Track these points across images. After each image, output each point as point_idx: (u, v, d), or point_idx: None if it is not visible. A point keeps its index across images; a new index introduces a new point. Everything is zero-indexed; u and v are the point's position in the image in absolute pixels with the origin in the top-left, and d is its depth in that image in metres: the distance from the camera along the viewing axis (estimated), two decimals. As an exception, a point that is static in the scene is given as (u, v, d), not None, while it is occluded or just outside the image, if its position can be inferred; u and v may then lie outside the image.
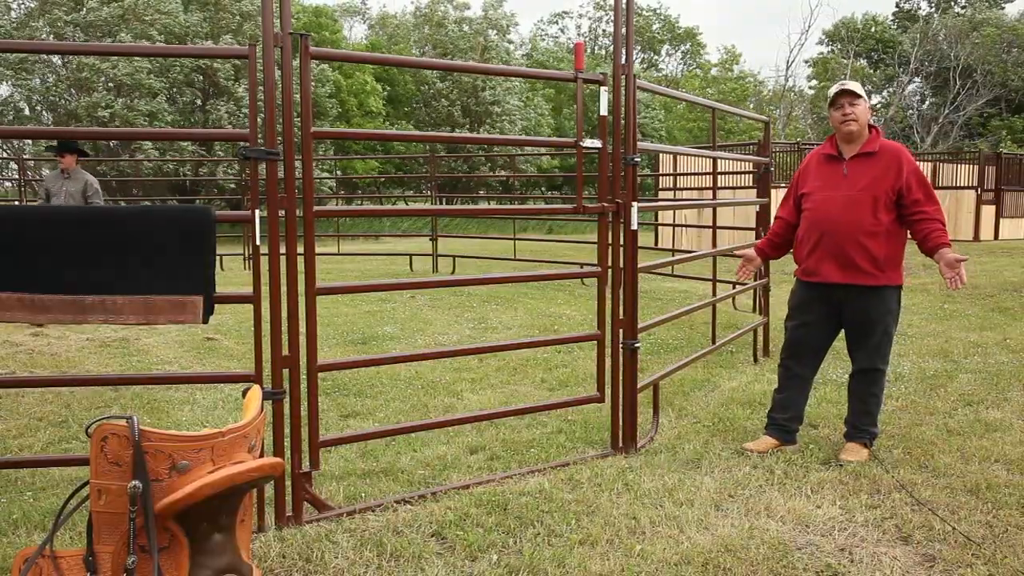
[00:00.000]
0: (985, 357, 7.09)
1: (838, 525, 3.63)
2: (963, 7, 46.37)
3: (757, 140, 15.45)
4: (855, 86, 4.40)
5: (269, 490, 3.70)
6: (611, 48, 4.69)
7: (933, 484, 4.08)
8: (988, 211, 20.78)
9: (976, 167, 20.99)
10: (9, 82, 23.07)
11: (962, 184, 21.35)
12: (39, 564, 2.50)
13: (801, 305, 4.63)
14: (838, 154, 4.48)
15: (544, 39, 50.39)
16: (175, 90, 23.45)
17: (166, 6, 23.08)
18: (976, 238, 20.31)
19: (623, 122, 4.59)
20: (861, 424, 4.54)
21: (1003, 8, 45.24)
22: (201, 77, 24.20)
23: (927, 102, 46.50)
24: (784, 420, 4.67)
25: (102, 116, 21.15)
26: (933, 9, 47.64)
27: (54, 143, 9.90)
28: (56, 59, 23.13)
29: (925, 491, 3.98)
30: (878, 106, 48.26)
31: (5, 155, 23.46)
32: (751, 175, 15.45)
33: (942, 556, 3.32)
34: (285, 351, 3.62)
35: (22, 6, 24.04)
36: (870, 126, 4.44)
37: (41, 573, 2.50)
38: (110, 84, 22.03)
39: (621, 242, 4.70)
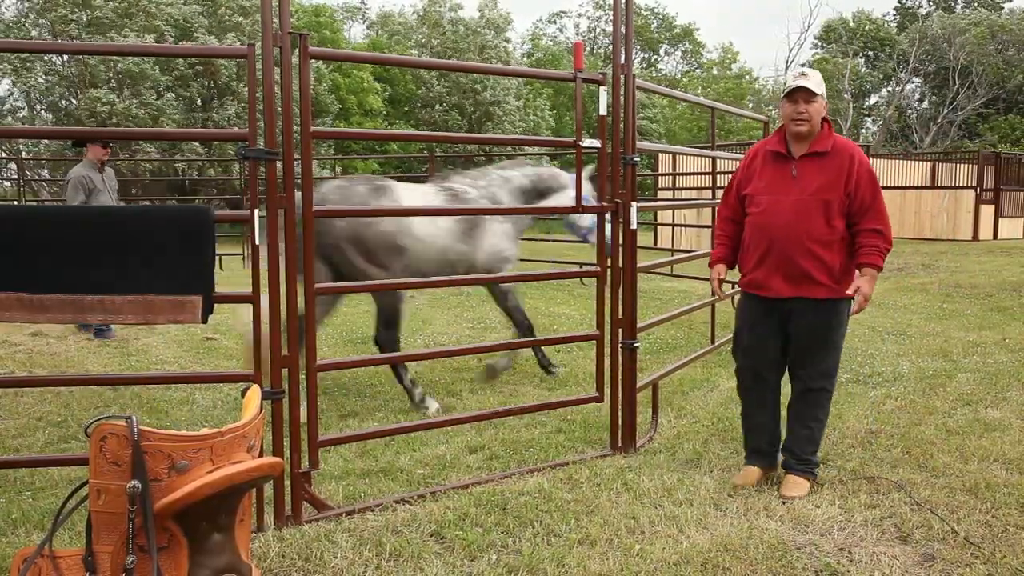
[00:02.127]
0: (984, 357, 7.10)
1: (837, 525, 3.63)
2: (963, 7, 46.41)
3: (756, 140, 15.45)
4: (813, 83, 3.93)
5: (268, 490, 3.70)
6: (610, 48, 4.69)
7: (932, 484, 4.08)
8: (987, 211, 20.80)
9: (975, 167, 21.01)
10: (9, 79, 23.04)
11: (961, 184, 21.37)
12: (38, 564, 2.50)
13: (753, 321, 4.16)
14: (787, 152, 4.03)
15: (543, 39, 50.34)
16: (180, 87, 23.39)
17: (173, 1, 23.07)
18: (975, 237, 20.33)
19: (622, 122, 4.59)
20: (803, 452, 4.08)
21: (1002, 8, 45.29)
22: (204, 72, 24.16)
23: (926, 101, 46.51)
24: (765, 444, 4.22)
25: (101, 112, 21.09)
26: (932, 8, 47.66)
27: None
28: (56, 58, 23.11)
29: (924, 491, 3.98)
30: (877, 105, 48.26)
31: (4, 155, 23.44)
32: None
33: (941, 555, 3.33)
34: (284, 351, 3.63)
35: (22, 3, 24.00)
36: (823, 119, 4.00)
37: (40, 573, 2.50)
38: (111, 78, 21.98)
39: (620, 242, 4.70)
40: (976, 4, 45.41)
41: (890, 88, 46.98)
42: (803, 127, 3.93)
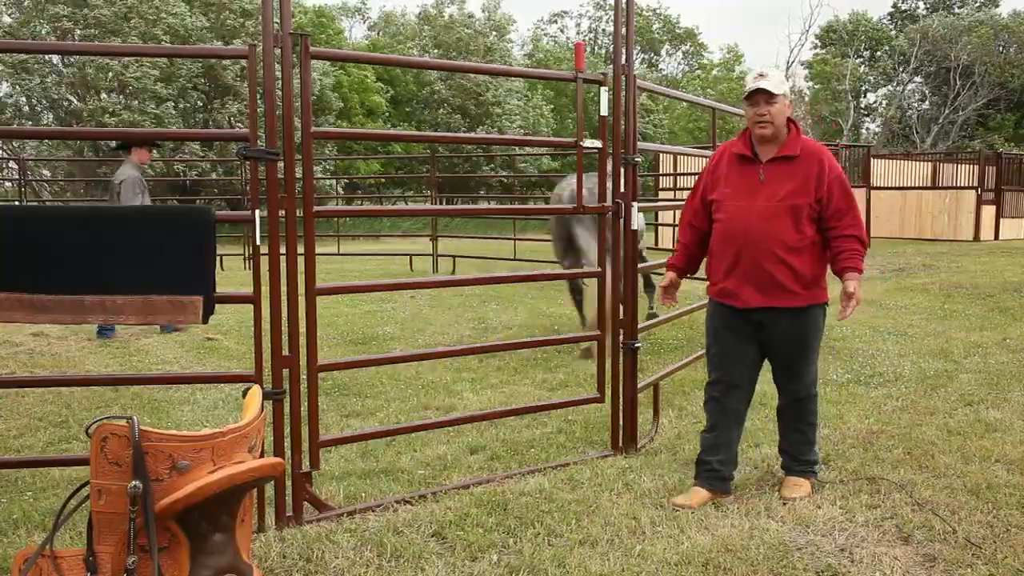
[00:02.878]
0: (985, 357, 7.09)
1: (838, 525, 3.62)
2: (960, 6, 46.38)
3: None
4: (773, 83, 3.79)
5: (269, 490, 3.70)
6: (611, 48, 4.68)
7: (933, 484, 4.07)
8: (988, 211, 20.78)
9: (976, 167, 21.00)
10: (8, 81, 23.07)
11: (962, 184, 21.36)
12: (39, 564, 2.50)
13: (723, 330, 3.99)
14: (753, 155, 3.89)
15: (543, 39, 50.33)
16: (180, 95, 23.38)
17: (172, 7, 23.06)
18: (976, 238, 20.31)
19: (623, 122, 4.59)
20: (802, 454, 4.02)
21: (997, 6, 45.26)
22: (204, 80, 24.15)
23: (927, 101, 46.47)
24: (718, 464, 3.97)
25: (109, 122, 21.12)
26: (928, 10, 47.64)
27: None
28: (56, 59, 23.12)
29: (925, 491, 3.97)
30: (876, 106, 48.23)
31: (4, 155, 23.46)
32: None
33: (943, 556, 3.32)
34: (285, 351, 3.63)
35: (22, 5, 23.98)
36: (790, 120, 3.87)
37: (41, 573, 2.50)
38: (114, 84, 21.96)
39: (621, 242, 4.70)
40: (977, 3, 45.35)
41: (890, 88, 46.95)
42: (767, 129, 3.80)
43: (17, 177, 17.52)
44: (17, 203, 16.45)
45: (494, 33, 34.57)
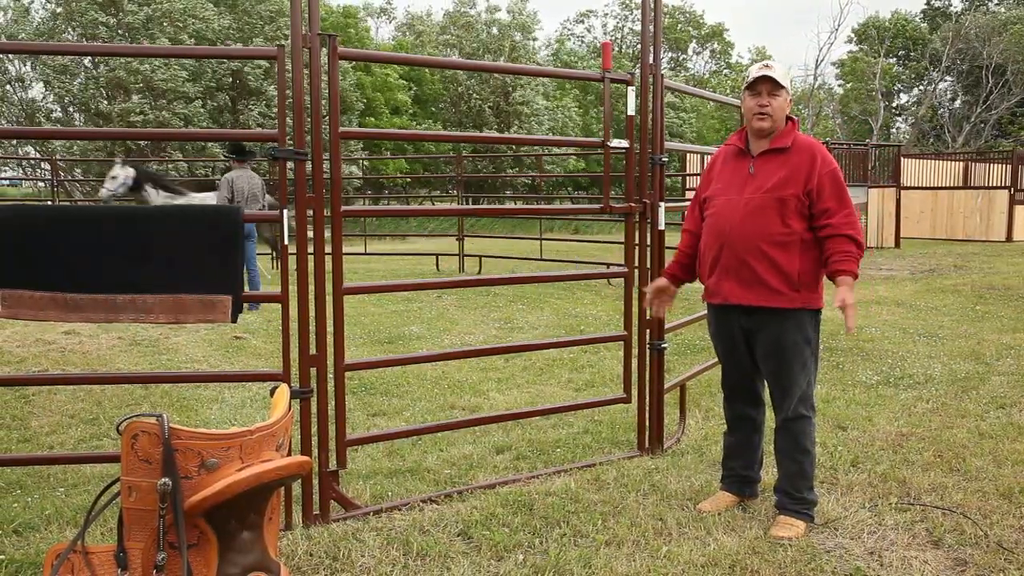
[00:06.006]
0: (1018, 359, 6.99)
1: (867, 528, 3.59)
2: (997, 3, 45.72)
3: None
4: (779, 73, 3.60)
5: (296, 488, 3.73)
6: (638, 47, 4.64)
7: (964, 488, 4.02)
8: (1021, 211, 20.49)
9: (1009, 166, 20.71)
10: (44, 83, 23.38)
11: (995, 184, 21.08)
12: (71, 560, 2.53)
13: (716, 334, 3.85)
14: (746, 149, 3.71)
15: (570, 38, 50.26)
16: (207, 95, 23.59)
17: (201, 11, 23.28)
18: (1009, 238, 20.04)
19: (650, 122, 4.57)
20: (796, 490, 3.65)
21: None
22: (231, 79, 24.36)
23: (958, 100, 45.88)
24: (740, 468, 3.90)
25: (135, 121, 21.36)
26: (964, 5, 47.00)
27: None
28: (88, 61, 23.40)
29: (956, 495, 3.93)
30: (909, 105, 47.67)
31: (38, 156, 23.79)
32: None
33: (974, 560, 3.28)
34: (313, 350, 3.65)
35: (48, 8, 24.31)
36: (788, 117, 3.67)
37: (73, 569, 2.53)
38: (142, 87, 22.18)
39: (648, 242, 4.68)
40: (1012, 1, 44.70)
41: (922, 87, 46.38)
42: (765, 122, 3.59)
43: (50, 178, 17.76)
44: (50, 203, 16.70)
45: (518, 34, 34.56)
